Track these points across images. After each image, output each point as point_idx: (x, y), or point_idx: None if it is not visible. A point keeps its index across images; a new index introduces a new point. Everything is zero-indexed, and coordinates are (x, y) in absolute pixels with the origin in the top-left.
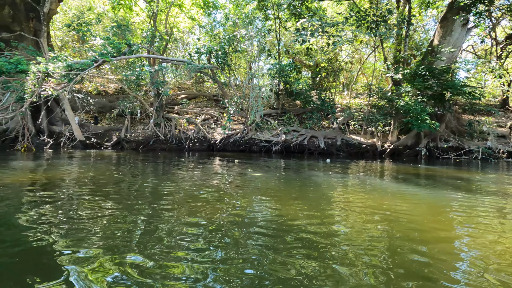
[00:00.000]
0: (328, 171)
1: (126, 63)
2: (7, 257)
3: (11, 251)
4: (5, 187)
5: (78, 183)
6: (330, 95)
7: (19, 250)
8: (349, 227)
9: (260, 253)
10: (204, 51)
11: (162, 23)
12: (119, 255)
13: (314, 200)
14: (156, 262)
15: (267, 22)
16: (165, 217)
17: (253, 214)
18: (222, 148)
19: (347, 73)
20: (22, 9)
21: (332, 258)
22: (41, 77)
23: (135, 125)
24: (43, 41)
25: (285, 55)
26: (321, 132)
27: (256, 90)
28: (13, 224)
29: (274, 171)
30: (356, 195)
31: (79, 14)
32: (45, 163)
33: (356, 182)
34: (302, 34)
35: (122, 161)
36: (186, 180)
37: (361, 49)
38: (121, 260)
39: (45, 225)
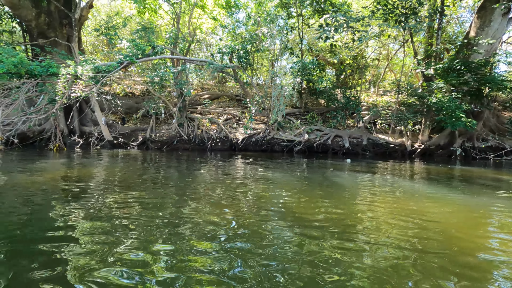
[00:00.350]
0: (354, 171)
1: (151, 65)
2: (41, 243)
3: (41, 240)
4: (38, 184)
5: (107, 180)
6: (356, 93)
7: (47, 240)
8: (376, 232)
9: (279, 260)
10: (226, 51)
11: (186, 25)
12: (146, 247)
13: (338, 202)
14: (182, 254)
15: (289, 20)
16: (190, 213)
17: (273, 218)
18: (244, 148)
19: (374, 70)
20: (56, 17)
21: (357, 264)
22: (71, 79)
23: (160, 125)
24: (74, 46)
25: (308, 53)
26: (345, 132)
27: (278, 89)
28: (46, 217)
29: (296, 171)
30: (384, 197)
31: (107, 19)
32: (74, 162)
33: (383, 184)
34: (325, 30)
35: (147, 160)
36: (209, 178)
37: (389, 44)
38: (148, 252)
39: (76, 218)
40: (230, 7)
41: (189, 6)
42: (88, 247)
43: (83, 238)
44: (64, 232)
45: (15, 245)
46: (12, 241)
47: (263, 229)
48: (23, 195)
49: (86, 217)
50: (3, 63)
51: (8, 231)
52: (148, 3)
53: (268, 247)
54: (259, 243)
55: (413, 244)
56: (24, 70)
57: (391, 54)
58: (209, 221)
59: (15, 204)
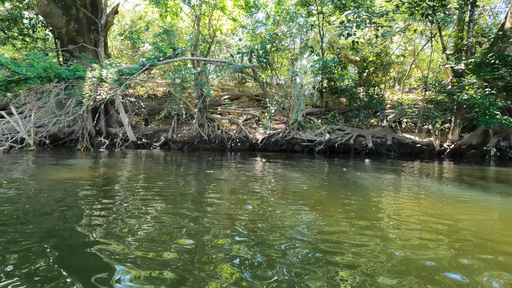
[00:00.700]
0: (377, 172)
1: (172, 67)
2: (66, 240)
3: (71, 230)
4: (67, 181)
5: (131, 178)
6: (379, 91)
7: (74, 237)
8: (401, 238)
9: (299, 258)
10: (245, 51)
11: (206, 27)
12: (166, 247)
13: (361, 205)
14: (203, 249)
15: (310, 18)
16: (211, 210)
17: (293, 219)
18: (263, 148)
19: (399, 67)
20: (84, 23)
21: (380, 271)
22: (96, 82)
23: (181, 126)
24: (100, 50)
25: (329, 51)
26: (368, 131)
27: (298, 88)
28: (74, 214)
29: (316, 171)
30: (410, 200)
31: (131, 24)
32: (101, 162)
33: (409, 185)
34: (347, 27)
35: (169, 160)
36: (229, 177)
37: (415, 39)
38: (166, 252)
39: (101, 215)
40: (250, 7)
41: (209, 8)
42: (111, 240)
43: (107, 231)
44: (90, 224)
45: (47, 234)
46: (44, 232)
47: (283, 229)
48: (54, 191)
49: (111, 212)
50: (34, 67)
51: (42, 222)
52: (170, 6)
53: (288, 245)
54: (279, 241)
55: (441, 253)
56: (53, 74)
57: (417, 50)
58: (230, 219)
59: (48, 199)
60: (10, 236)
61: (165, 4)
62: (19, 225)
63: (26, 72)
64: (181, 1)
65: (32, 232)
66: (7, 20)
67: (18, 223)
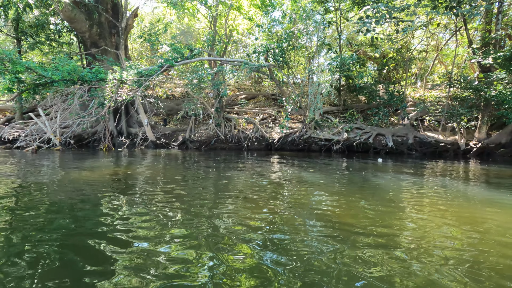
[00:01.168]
0: (399, 173)
1: (190, 68)
2: (88, 236)
3: (93, 224)
4: (90, 179)
5: (151, 176)
6: (400, 88)
7: (94, 233)
8: (426, 242)
9: (317, 264)
10: (261, 50)
11: (222, 27)
12: (185, 244)
13: (379, 206)
14: (221, 253)
15: (327, 15)
16: (227, 209)
17: (312, 219)
18: (280, 147)
19: (421, 63)
20: (106, 27)
21: (400, 277)
22: (117, 84)
23: (198, 126)
24: (121, 53)
25: (347, 48)
26: (389, 130)
27: (315, 86)
28: (98, 205)
29: (334, 170)
30: (433, 201)
31: (150, 26)
32: (122, 160)
33: (432, 186)
34: (365, 23)
35: (187, 159)
36: (245, 176)
37: (438, 34)
38: (186, 250)
39: (122, 208)
40: (266, 6)
41: (225, 8)
42: (133, 234)
43: (128, 225)
44: (112, 219)
45: (71, 227)
46: (68, 225)
47: (300, 229)
48: (77, 187)
49: (132, 208)
50: (59, 71)
51: (66, 216)
52: (187, 8)
53: (304, 247)
54: (295, 242)
55: (468, 261)
56: (77, 77)
57: (441, 45)
58: (245, 218)
59: (72, 195)
60: (39, 222)
61: (183, 6)
62: (48, 214)
63: (51, 75)
64: (198, 3)
65: (58, 220)
66: (35, 26)
67: (47, 211)
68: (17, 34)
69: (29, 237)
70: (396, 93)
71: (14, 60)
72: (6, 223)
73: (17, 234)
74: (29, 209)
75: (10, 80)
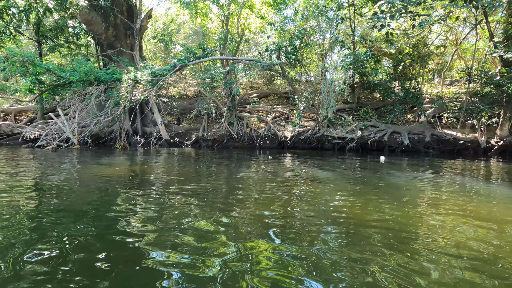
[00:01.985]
0: (414, 171)
1: (202, 67)
2: (103, 229)
3: (103, 228)
4: (107, 176)
5: (165, 173)
6: (416, 85)
7: (108, 229)
8: (441, 243)
9: (329, 263)
10: (273, 48)
11: (234, 26)
12: (200, 236)
13: (396, 205)
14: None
15: (341, 12)
16: (241, 209)
17: (325, 218)
18: (292, 145)
19: (439, 58)
20: (121, 29)
21: (417, 279)
22: (131, 84)
23: (211, 125)
24: (135, 54)
25: (361, 44)
26: (404, 127)
27: (328, 84)
28: (115, 201)
29: (347, 169)
30: (451, 201)
31: (164, 27)
32: (137, 159)
33: (451, 185)
34: (380, 18)
35: (200, 157)
36: (257, 174)
37: (457, 28)
38: (200, 248)
39: (138, 203)
40: (278, 4)
41: (237, 7)
42: (148, 228)
43: (144, 219)
44: (128, 213)
45: (89, 221)
46: (87, 219)
47: (313, 229)
48: (97, 182)
49: (147, 203)
50: (76, 72)
51: (85, 211)
52: (200, 8)
53: (318, 248)
54: (308, 244)
55: (489, 264)
56: (93, 78)
57: (460, 39)
58: (259, 213)
59: (90, 191)
60: (60, 215)
61: (195, 6)
62: (67, 207)
63: (69, 76)
64: (210, 2)
65: (76, 213)
66: (54, 29)
67: (67, 205)
68: (38, 37)
69: (56, 222)
70: (412, 89)
71: (34, 62)
72: (37, 210)
73: (47, 219)
74: (54, 199)
75: (31, 81)
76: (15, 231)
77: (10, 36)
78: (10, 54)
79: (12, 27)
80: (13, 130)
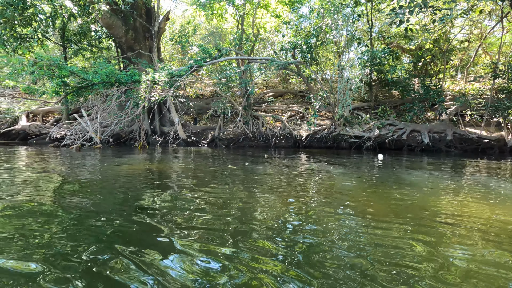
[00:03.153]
0: (435, 170)
1: (218, 67)
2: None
3: (131, 213)
4: (128, 173)
5: (183, 171)
6: (437, 82)
7: (126, 225)
8: (469, 253)
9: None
10: (288, 47)
11: (250, 26)
12: (216, 239)
13: (418, 203)
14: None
15: (358, 8)
16: (258, 207)
17: (344, 214)
18: (308, 144)
19: (462, 53)
20: (140, 31)
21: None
22: (150, 85)
23: (227, 124)
24: (154, 56)
25: (379, 41)
26: (424, 125)
27: (344, 82)
28: (136, 196)
29: (365, 168)
30: (477, 205)
31: (181, 28)
32: (156, 157)
33: (474, 186)
34: (398, 14)
35: (216, 156)
36: (273, 173)
37: (482, 21)
38: (215, 246)
39: (157, 199)
40: (293, 3)
41: (252, 7)
42: (165, 223)
43: (162, 215)
44: (148, 209)
45: (113, 216)
46: (110, 213)
47: (331, 228)
48: (119, 177)
49: (166, 199)
50: (98, 74)
51: (109, 205)
52: (216, 9)
53: (337, 246)
54: (327, 242)
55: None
56: (114, 79)
57: (485, 33)
58: (274, 213)
59: (113, 188)
60: (85, 207)
61: (211, 7)
62: (91, 201)
63: (92, 78)
64: (226, 3)
65: (99, 206)
66: (78, 34)
67: (90, 199)
68: (63, 41)
69: (83, 211)
70: (432, 86)
71: (60, 65)
72: (67, 202)
73: (75, 209)
74: (80, 193)
75: (57, 83)
76: (58, 223)
77: (38, 41)
78: (38, 58)
79: (40, 32)
80: (41, 130)
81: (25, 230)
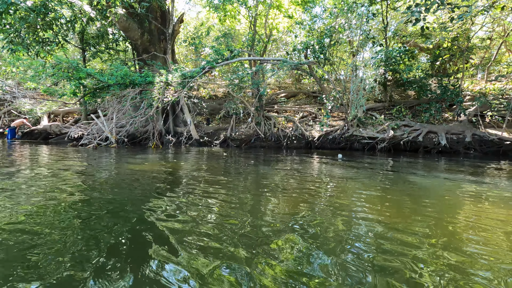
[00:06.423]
0: (452, 173)
1: (231, 68)
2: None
3: (143, 209)
4: (142, 171)
5: (195, 170)
6: (456, 81)
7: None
8: (490, 260)
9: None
10: (301, 47)
11: (262, 26)
12: (224, 241)
13: (434, 209)
14: (256, 253)
15: (374, 7)
16: (267, 204)
17: (355, 217)
18: (320, 145)
19: (483, 52)
20: (155, 34)
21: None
22: (163, 86)
23: (239, 125)
24: (168, 57)
25: (395, 40)
26: (442, 127)
27: (357, 82)
28: (148, 193)
29: (378, 170)
30: (497, 209)
31: (194, 30)
32: (169, 157)
33: (496, 190)
34: (413, 12)
35: (228, 156)
36: (284, 174)
37: (505, 18)
38: (224, 247)
39: (167, 196)
40: (306, 3)
41: (265, 8)
42: (178, 220)
43: (172, 213)
44: (157, 203)
45: (124, 211)
46: (122, 210)
47: (342, 229)
48: (134, 175)
49: (176, 197)
50: (113, 76)
51: (121, 203)
52: (229, 10)
53: (348, 250)
54: (338, 244)
55: None
56: (128, 81)
57: (507, 30)
58: (285, 214)
59: (127, 185)
60: (98, 203)
61: (224, 9)
62: (112, 194)
63: (107, 80)
64: (238, 5)
65: (113, 202)
66: (96, 37)
67: (105, 195)
68: (82, 44)
69: (101, 209)
70: (451, 86)
71: (77, 68)
72: (84, 198)
73: (92, 206)
74: (97, 190)
75: (75, 85)
76: (76, 217)
77: (59, 44)
78: (57, 61)
79: (60, 36)
80: (61, 130)
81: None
